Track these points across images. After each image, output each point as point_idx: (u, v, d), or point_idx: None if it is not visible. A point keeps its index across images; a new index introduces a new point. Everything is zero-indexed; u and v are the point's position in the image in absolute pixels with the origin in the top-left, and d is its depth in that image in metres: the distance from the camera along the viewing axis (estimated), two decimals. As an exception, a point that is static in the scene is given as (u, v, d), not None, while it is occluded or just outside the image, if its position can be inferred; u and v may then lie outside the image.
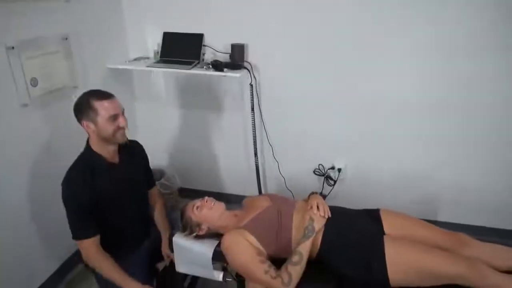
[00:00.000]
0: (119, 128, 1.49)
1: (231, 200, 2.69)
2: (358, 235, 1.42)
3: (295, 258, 1.34)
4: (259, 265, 1.36)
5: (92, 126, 1.45)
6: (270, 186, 2.75)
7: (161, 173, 2.71)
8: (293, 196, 2.66)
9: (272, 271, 1.35)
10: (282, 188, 2.65)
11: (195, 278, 1.77)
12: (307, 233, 1.39)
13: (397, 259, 1.31)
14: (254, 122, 2.45)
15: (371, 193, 2.53)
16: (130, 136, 1.60)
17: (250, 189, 2.73)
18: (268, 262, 1.38)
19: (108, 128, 1.45)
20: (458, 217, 2.45)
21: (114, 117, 1.46)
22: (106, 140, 1.50)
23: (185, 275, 1.73)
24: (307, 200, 1.62)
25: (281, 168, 2.62)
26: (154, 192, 1.84)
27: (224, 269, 1.58)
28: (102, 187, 1.51)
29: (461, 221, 2.45)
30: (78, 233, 1.49)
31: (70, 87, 2.00)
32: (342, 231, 1.44)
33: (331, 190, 2.58)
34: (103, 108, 1.43)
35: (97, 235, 1.51)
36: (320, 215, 1.45)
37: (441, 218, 2.49)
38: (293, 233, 1.44)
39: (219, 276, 1.58)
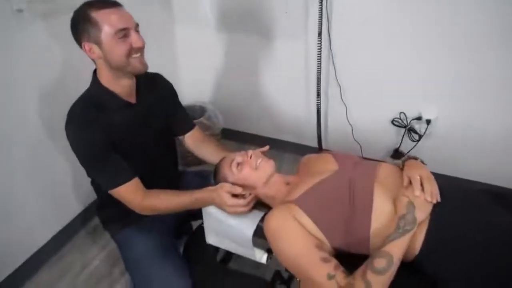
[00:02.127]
0: (133, 50, 1.07)
1: (284, 148, 2.23)
2: (486, 234, 0.89)
3: (380, 262, 0.85)
4: (319, 264, 0.90)
5: (96, 49, 1.06)
6: (333, 136, 2.22)
7: (202, 111, 2.27)
8: (361, 151, 2.12)
9: (340, 275, 0.88)
10: (347, 140, 2.13)
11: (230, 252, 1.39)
12: (404, 226, 0.88)
13: None
14: (320, 52, 1.86)
15: (467, 155, 1.93)
16: (167, 67, 1.16)
17: (307, 137, 2.26)
18: (334, 261, 0.91)
19: (117, 50, 1.05)
20: None
21: (124, 34, 1.05)
22: (118, 69, 1.10)
23: (218, 247, 1.34)
24: (399, 166, 1.09)
25: (350, 114, 2.07)
26: (196, 135, 1.42)
27: (270, 251, 1.16)
28: (117, 129, 1.13)
29: None
30: (112, 180, 1.12)
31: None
32: (459, 224, 0.91)
33: (413, 147, 2.01)
34: (106, 20, 1.02)
35: (135, 176, 1.14)
36: (426, 199, 0.92)
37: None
38: (374, 220, 0.94)
39: (262, 257, 1.16)
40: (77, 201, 1.80)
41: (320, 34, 1.83)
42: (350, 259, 0.96)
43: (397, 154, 2.09)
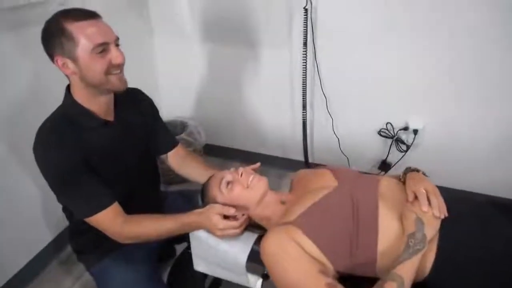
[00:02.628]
0: (112, 67, 0.97)
1: (269, 163, 2.15)
2: (495, 249, 0.84)
3: (391, 286, 0.78)
4: (324, 291, 0.81)
5: (70, 65, 0.95)
6: (319, 148, 2.16)
7: (183, 126, 2.18)
8: (348, 163, 2.07)
9: (348, 303, 0.80)
10: (334, 152, 2.08)
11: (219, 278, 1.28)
12: (413, 246, 0.81)
13: None
14: (305, 63, 1.82)
15: (457, 167, 1.90)
16: (146, 81, 1.07)
17: (292, 150, 2.20)
18: (340, 287, 0.83)
19: (95, 67, 0.95)
20: None
21: (103, 49, 0.95)
22: (95, 87, 0.99)
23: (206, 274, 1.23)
24: (400, 179, 1.03)
25: (336, 125, 2.02)
26: (180, 152, 1.33)
27: (265, 276, 1.06)
28: (94, 150, 1.02)
29: None
30: (87, 207, 1.01)
31: (55, 1, 1.42)
32: (468, 240, 0.86)
33: (401, 158, 1.97)
34: (83, 33, 0.92)
35: (114, 201, 1.03)
36: (434, 214, 0.86)
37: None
38: (381, 240, 0.86)
39: (256, 283, 1.07)
40: (48, 228, 1.64)
41: (305, 44, 1.79)
42: (355, 282, 0.89)
43: (384, 165, 2.05)
